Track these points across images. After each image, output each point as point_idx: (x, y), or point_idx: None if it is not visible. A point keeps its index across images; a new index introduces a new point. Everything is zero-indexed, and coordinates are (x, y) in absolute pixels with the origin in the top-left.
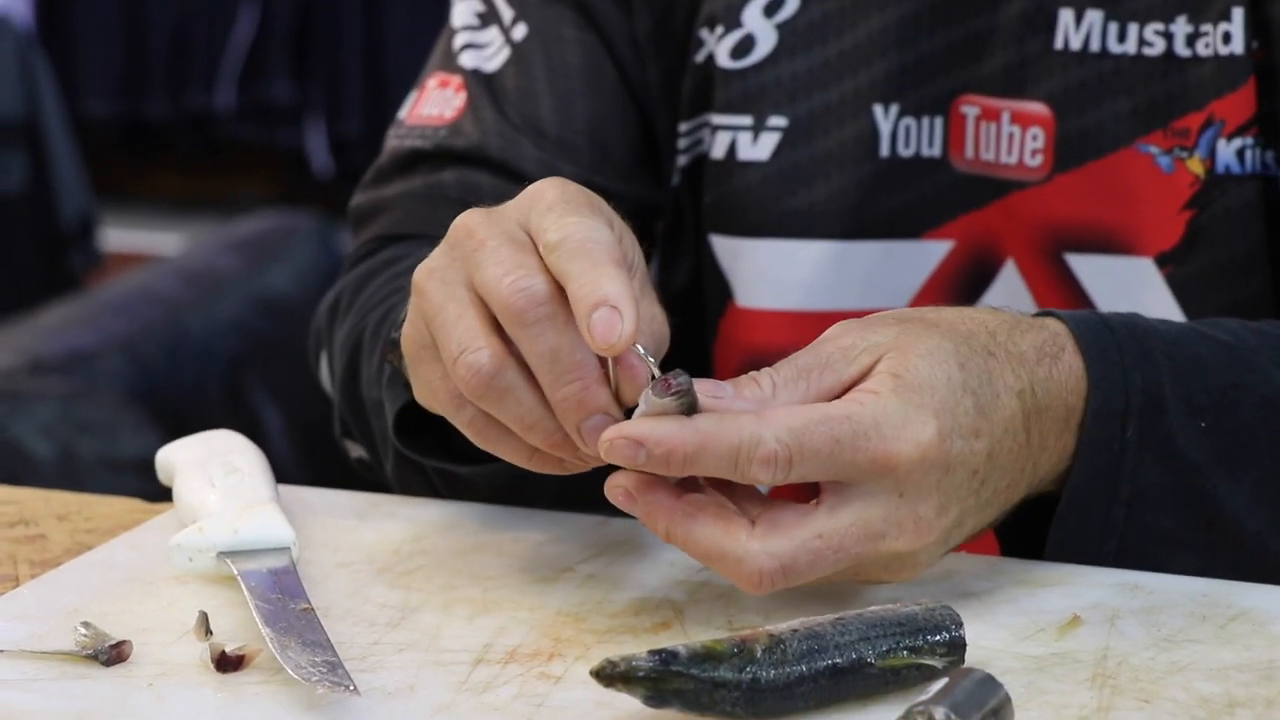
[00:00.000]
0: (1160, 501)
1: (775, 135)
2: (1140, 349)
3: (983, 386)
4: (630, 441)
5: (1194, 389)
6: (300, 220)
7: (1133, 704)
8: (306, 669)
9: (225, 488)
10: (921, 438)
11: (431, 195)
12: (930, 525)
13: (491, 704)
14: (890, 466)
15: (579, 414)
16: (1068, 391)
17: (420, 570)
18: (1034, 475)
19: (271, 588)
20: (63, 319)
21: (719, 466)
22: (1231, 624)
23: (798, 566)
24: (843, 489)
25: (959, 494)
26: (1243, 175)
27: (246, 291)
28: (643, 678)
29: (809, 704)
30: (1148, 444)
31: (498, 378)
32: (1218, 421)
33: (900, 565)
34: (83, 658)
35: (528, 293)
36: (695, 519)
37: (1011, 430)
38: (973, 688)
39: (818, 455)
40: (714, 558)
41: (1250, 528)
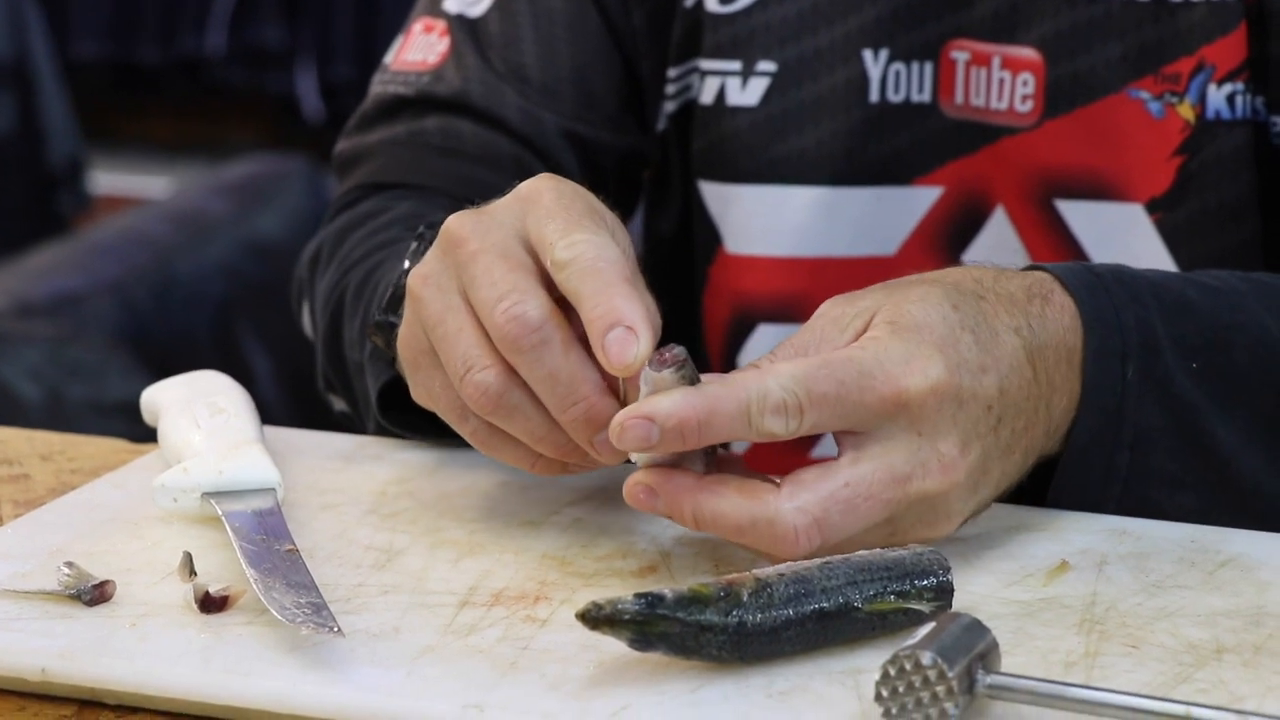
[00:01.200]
0: (1161, 444)
1: (764, 80)
2: (1128, 292)
3: (980, 325)
4: (640, 420)
5: (1185, 330)
6: (290, 164)
7: (1120, 649)
8: (291, 610)
9: (210, 428)
10: (930, 371)
11: (414, 143)
12: (955, 462)
13: (476, 646)
14: (902, 403)
15: (588, 431)
16: (1063, 330)
17: (406, 512)
18: (1049, 418)
19: (256, 529)
20: (51, 262)
21: (732, 427)
22: (1220, 570)
23: (830, 518)
24: (860, 438)
25: (977, 430)
26: (1233, 121)
27: (236, 235)
28: (628, 621)
29: (795, 648)
30: (1147, 385)
31: (506, 396)
32: (1210, 362)
33: (934, 514)
34: (66, 597)
35: (521, 320)
36: (720, 494)
37: (1017, 365)
38: (960, 632)
39: (826, 399)
40: (746, 528)
41: (1246, 468)
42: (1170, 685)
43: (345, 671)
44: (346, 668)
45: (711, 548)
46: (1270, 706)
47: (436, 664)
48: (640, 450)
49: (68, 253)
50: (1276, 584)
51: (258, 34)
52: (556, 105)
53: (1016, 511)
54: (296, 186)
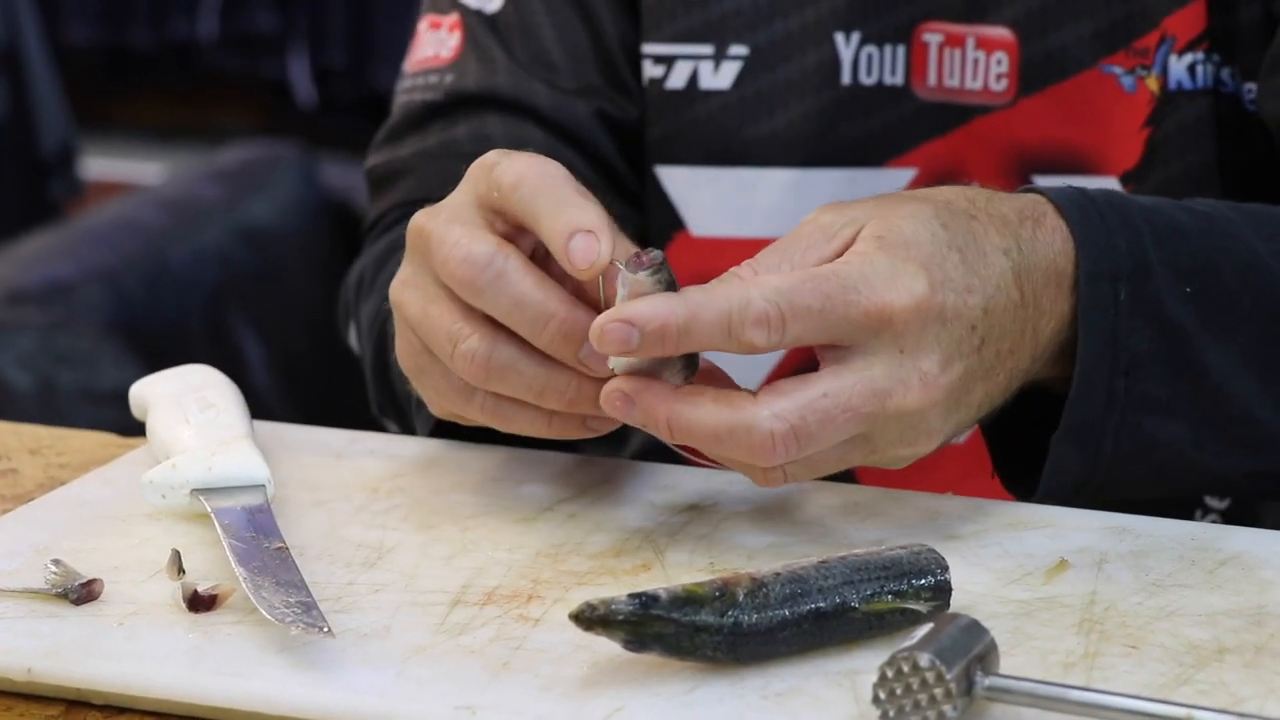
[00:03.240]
0: (1154, 369)
1: (736, 64)
2: (1121, 216)
3: (968, 245)
4: (621, 323)
5: (1177, 254)
6: (283, 150)
7: (1120, 649)
8: (280, 609)
9: (200, 424)
10: (914, 288)
11: (447, 154)
12: (935, 381)
13: (469, 646)
14: (885, 318)
15: (569, 348)
16: (1055, 253)
17: (398, 509)
18: (1035, 341)
19: (246, 526)
20: (43, 248)
21: (713, 335)
22: (1221, 569)
23: (808, 427)
24: (842, 352)
25: (960, 349)
26: (1194, 91)
27: (228, 222)
28: (622, 621)
29: (791, 649)
30: (1138, 309)
31: (494, 356)
32: (1202, 287)
33: (914, 432)
34: (52, 596)
35: (469, 259)
36: (696, 403)
37: (1004, 287)
38: (958, 633)
39: (809, 312)
40: (722, 435)
41: (1238, 395)
42: (1171, 686)
43: (335, 672)
44: (337, 668)
45: (707, 545)
46: (1272, 708)
47: (428, 664)
48: (621, 354)
49: (59, 240)
50: (1278, 583)
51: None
52: (585, 90)
53: (1014, 509)
54: (289, 173)
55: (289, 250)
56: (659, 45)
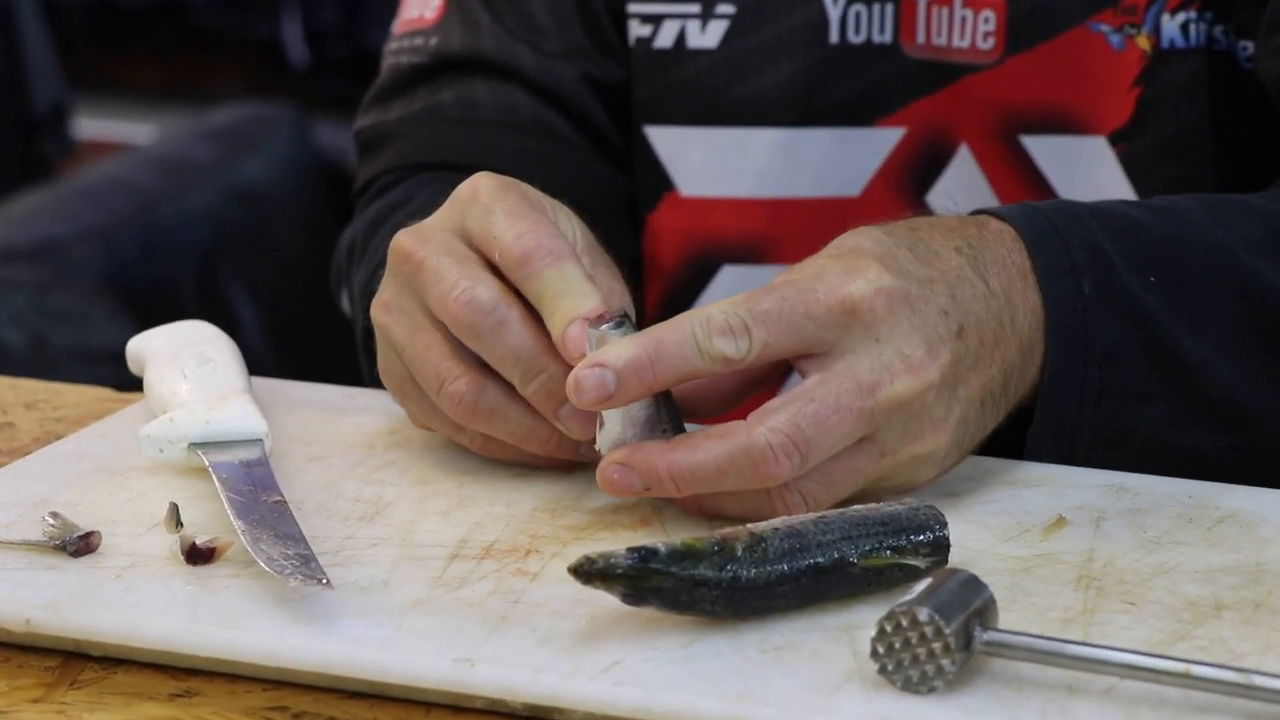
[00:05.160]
0: (1128, 360)
1: (724, 23)
2: (1068, 217)
3: (917, 245)
4: (593, 369)
5: (1133, 246)
6: (276, 110)
7: (1118, 606)
8: (279, 562)
9: (197, 378)
10: (870, 276)
11: (433, 118)
12: (923, 362)
13: (467, 600)
14: (849, 309)
15: (552, 404)
16: (1006, 250)
17: (395, 464)
18: (1018, 333)
19: (243, 480)
20: (34, 207)
21: (683, 355)
22: (1219, 526)
23: (803, 433)
24: (821, 358)
25: (939, 334)
26: (1187, 49)
27: (221, 182)
28: (621, 575)
29: (790, 603)
30: (1106, 300)
31: (482, 401)
32: (1166, 275)
33: (917, 423)
34: (50, 548)
35: (474, 305)
36: (691, 446)
37: (965, 277)
38: (956, 589)
39: (769, 315)
40: (726, 467)
41: (1219, 380)
42: (1169, 642)
43: (334, 624)
44: (335, 620)
45: None
46: (1270, 664)
47: (426, 617)
48: (600, 402)
49: (51, 198)
50: (1276, 540)
51: None
52: (571, 52)
53: (1013, 467)
54: (282, 133)
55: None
56: (646, 4)
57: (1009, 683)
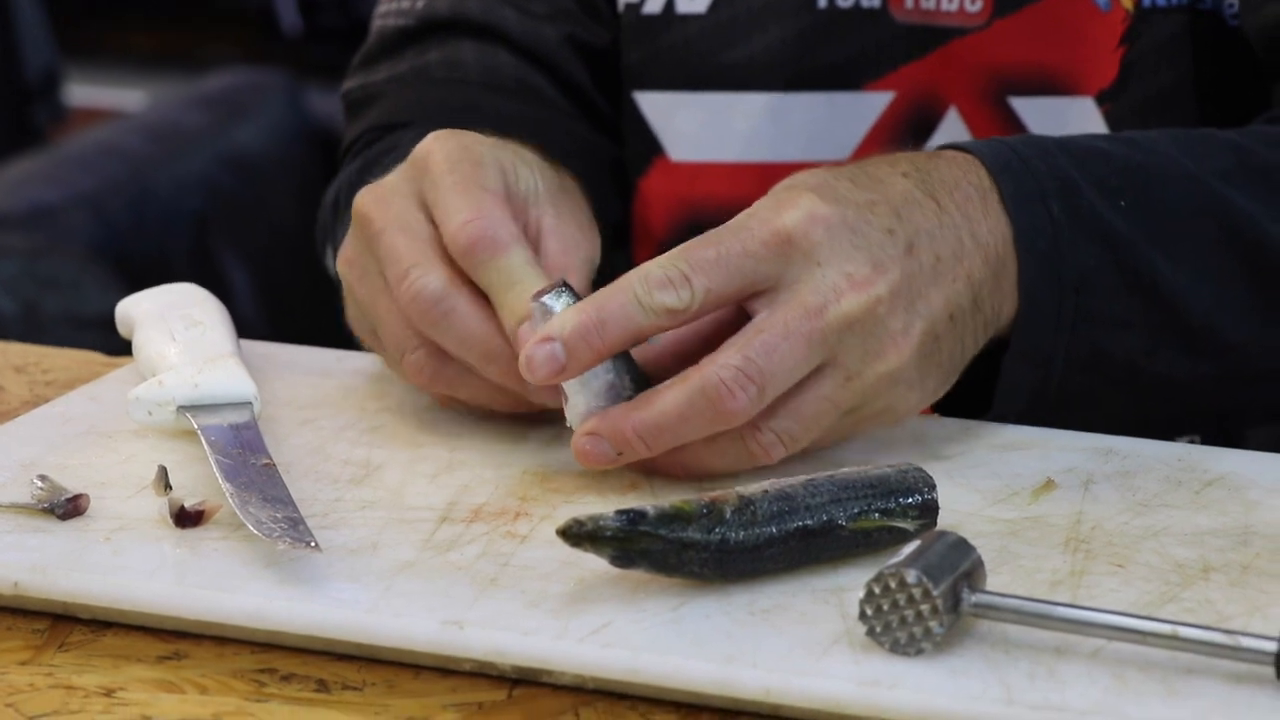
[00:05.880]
0: (1102, 284)
1: None
2: (1033, 146)
3: (858, 174)
4: (541, 344)
5: (1101, 173)
6: (268, 77)
7: (1106, 568)
8: (267, 525)
9: (186, 341)
10: (802, 204)
11: (419, 79)
12: (869, 278)
13: (456, 563)
14: (784, 238)
15: (516, 381)
16: (962, 171)
17: (385, 427)
18: (980, 246)
19: (232, 442)
20: (26, 174)
21: (627, 314)
22: (1207, 489)
23: (756, 364)
24: (768, 294)
25: (886, 252)
26: (1169, 8)
27: (213, 149)
28: (610, 538)
29: (778, 565)
30: (1077, 223)
31: (442, 370)
32: (1137, 201)
33: (876, 340)
34: (39, 511)
35: (422, 296)
36: (653, 399)
37: (912, 199)
38: (945, 551)
39: (707, 261)
40: (687, 412)
41: (1196, 307)
42: (1157, 604)
43: (322, 587)
44: (324, 583)
45: None
46: (1257, 626)
47: (415, 580)
48: (553, 376)
49: (44, 165)
50: (1264, 503)
51: None
52: (556, 14)
53: (1002, 430)
54: (275, 100)
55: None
56: None
57: (997, 644)
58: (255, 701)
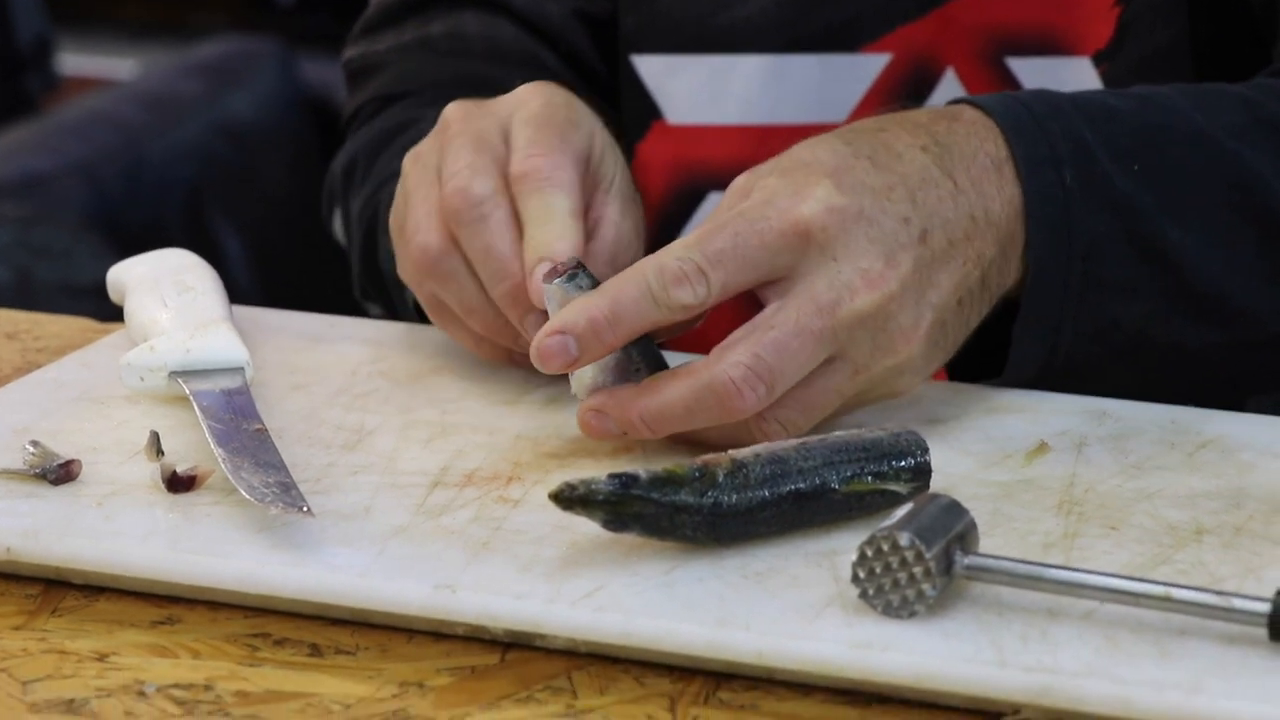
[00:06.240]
0: (1113, 252)
1: None
2: (1048, 105)
3: (877, 151)
4: (554, 336)
5: (1113, 134)
6: (261, 45)
7: (1099, 530)
8: (259, 490)
9: (178, 306)
10: (821, 195)
11: (423, 50)
12: (882, 274)
13: (449, 527)
14: (801, 232)
15: (516, 310)
16: (980, 141)
17: (377, 392)
18: (992, 225)
19: (224, 408)
20: (19, 142)
21: (641, 310)
22: (1200, 451)
23: (765, 362)
24: (781, 284)
25: (899, 242)
26: None
27: (207, 118)
28: (602, 501)
29: (771, 529)
30: (1089, 190)
31: (442, 262)
32: (1148, 165)
33: (887, 337)
34: (31, 476)
35: (463, 193)
36: (659, 386)
37: (929, 178)
38: (938, 513)
39: (724, 254)
40: (693, 405)
41: (1205, 273)
42: (1149, 566)
43: (315, 551)
44: (316, 548)
45: None
46: (1250, 587)
47: (408, 544)
48: (566, 367)
49: (35, 133)
50: (1257, 465)
51: None
52: None
53: (995, 393)
54: (268, 68)
55: (267, 146)
56: None
57: (989, 607)
58: (248, 666)
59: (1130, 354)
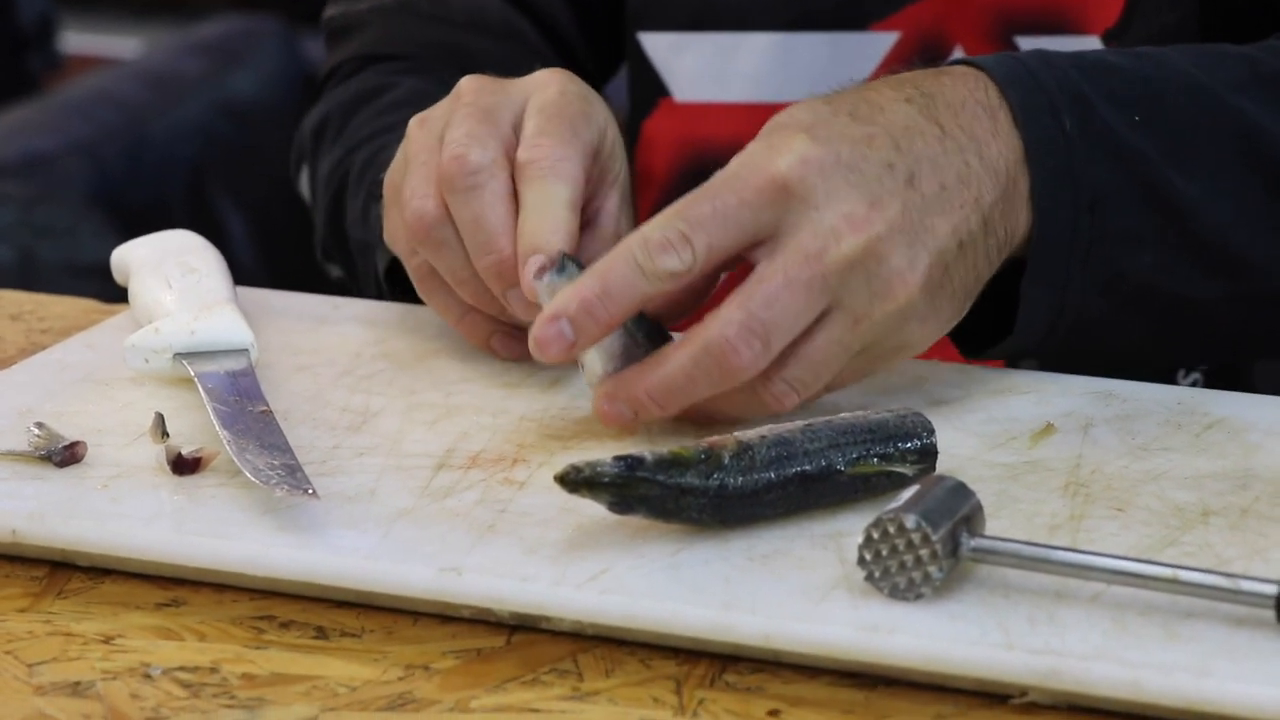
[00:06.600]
0: (1119, 200)
1: None
2: (1041, 59)
3: (859, 105)
4: (549, 322)
5: (1111, 86)
6: (263, 24)
7: (1106, 512)
8: (264, 472)
9: (182, 288)
10: (798, 149)
11: (404, 12)
12: (866, 217)
13: (453, 509)
14: (779, 185)
15: (499, 284)
16: (968, 89)
17: (382, 374)
18: (989, 168)
19: (229, 390)
20: (22, 121)
21: (631, 282)
22: (1207, 432)
23: (757, 315)
24: (767, 245)
25: (884, 187)
26: None
27: (209, 96)
28: (608, 484)
29: (777, 511)
30: (1091, 139)
31: (436, 229)
32: (1149, 115)
33: (882, 282)
34: (36, 458)
35: (460, 160)
36: (660, 361)
37: (914, 126)
38: (944, 495)
39: (704, 218)
40: (693, 374)
41: (1213, 223)
42: (1156, 548)
43: (320, 534)
44: (322, 530)
45: None
46: (1257, 569)
47: (413, 527)
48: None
49: (38, 113)
50: (1264, 446)
51: None
52: None
53: (1001, 374)
54: (270, 46)
55: (270, 124)
56: None
57: (996, 589)
58: (254, 648)
59: (1138, 307)
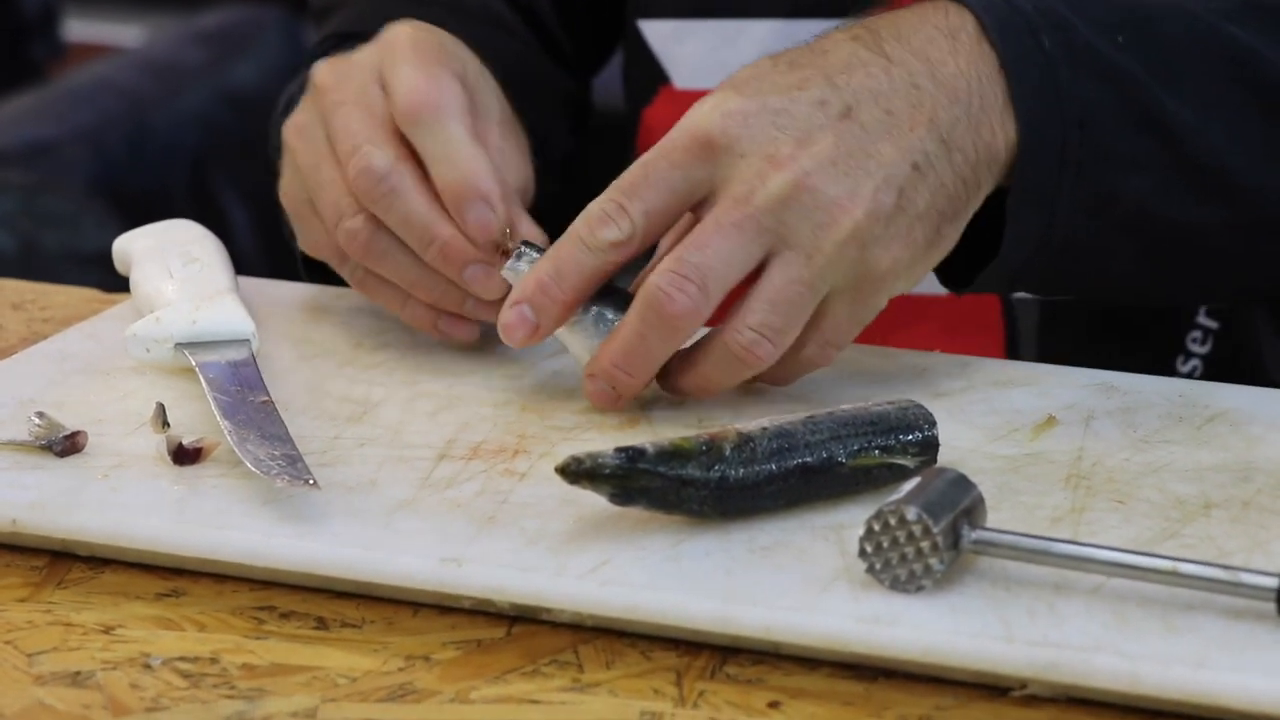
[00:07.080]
0: (1108, 120)
1: None
2: None
3: (800, 55)
4: (513, 309)
5: (1095, 12)
6: (265, 13)
7: (1107, 505)
8: (265, 462)
9: (183, 278)
10: (718, 103)
11: None
12: (791, 156)
13: (454, 500)
14: (703, 141)
15: (452, 267)
16: (927, 18)
17: (383, 364)
18: (944, 86)
19: (230, 380)
20: (24, 110)
21: (578, 258)
22: (1208, 425)
23: (688, 261)
24: (706, 203)
25: (814, 123)
26: None
27: (212, 86)
28: (609, 475)
29: (778, 503)
30: (1073, 57)
31: (374, 242)
32: (1136, 36)
33: (820, 212)
34: (36, 448)
35: (368, 172)
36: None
37: (855, 62)
38: (945, 487)
39: (637, 184)
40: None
41: (1207, 146)
42: (1157, 541)
43: (321, 524)
44: (322, 520)
45: (694, 401)
46: (1258, 562)
47: (414, 517)
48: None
49: (41, 101)
50: (1265, 439)
51: None
52: None
53: (1002, 366)
54: (273, 36)
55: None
56: None
57: (997, 581)
58: (254, 639)
59: (1130, 232)
